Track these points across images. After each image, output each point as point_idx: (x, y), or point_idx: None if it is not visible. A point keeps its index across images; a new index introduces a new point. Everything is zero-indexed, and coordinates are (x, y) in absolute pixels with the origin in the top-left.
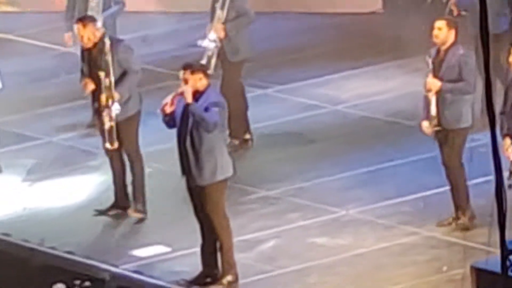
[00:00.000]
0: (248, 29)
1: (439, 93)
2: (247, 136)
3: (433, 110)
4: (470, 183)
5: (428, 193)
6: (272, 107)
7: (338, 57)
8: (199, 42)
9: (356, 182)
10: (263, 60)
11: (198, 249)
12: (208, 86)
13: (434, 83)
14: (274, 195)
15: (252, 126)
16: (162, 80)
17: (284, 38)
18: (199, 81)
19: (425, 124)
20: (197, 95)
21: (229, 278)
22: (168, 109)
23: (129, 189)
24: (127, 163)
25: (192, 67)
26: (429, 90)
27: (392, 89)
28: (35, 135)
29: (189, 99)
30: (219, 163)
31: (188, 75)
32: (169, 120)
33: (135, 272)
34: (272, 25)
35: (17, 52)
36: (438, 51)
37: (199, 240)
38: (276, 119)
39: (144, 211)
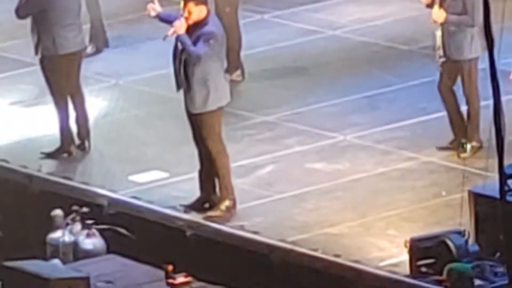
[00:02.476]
0: None
1: (443, 24)
2: (237, 74)
3: (438, 41)
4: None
5: (425, 118)
6: (269, 32)
7: None
8: None
9: (354, 107)
10: None
11: (196, 175)
12: (208, 15)
13: (440, 14)
14: (272, 120)
15: (250, 52)
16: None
17: None
18: (200, 12)
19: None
20: (197, 24)
21: (227, 203)
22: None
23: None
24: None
25: None
26: (434, 21)
27: (391, 14)
28: (33, 61)
29: (181, 30)
30: (212, 92)
31: (192, 7)
32: None
33: (133, 197)
34: None
35: None
36: None
37: (197, 165)
38: (274, 44)
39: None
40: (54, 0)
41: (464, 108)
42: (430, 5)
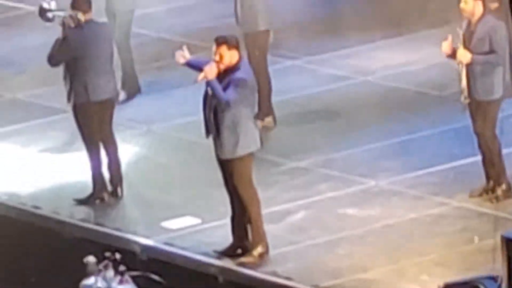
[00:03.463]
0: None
1: (469, 65)
2: (268, 120)
3: (463, 82)
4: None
5: (457, 163)
6: (301, 78)
7: (367, 28)
8: None
9: (386, 152)
10: (292, 31)
11: (228, 221)
12: (240, 60)
13: (465, 55)
14: (304, 166)
15: (282, 97)
16: (191, 52)
17: (314, 9)
18: (232, 57)
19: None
20: (228, 69)
21: (259, 249)
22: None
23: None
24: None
25: (228, 42)
26: (460, 62)
27: (422, 59)
28: (64, 107)
29: (210, 76)
30: (242, 139)
31: (224, 51)
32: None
33: (165, 244)
34: None
35: (45, 25)
36: (469, 23)
37: (229, 211)
38: (306, 91)
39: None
40: (86, 47)
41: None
42: (451, 56)
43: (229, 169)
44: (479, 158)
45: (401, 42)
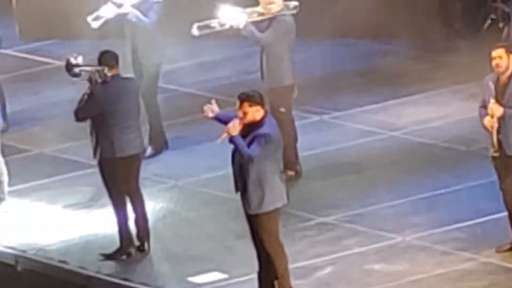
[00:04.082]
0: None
1: (500, 119)
2: (292, 172)
3: (495, 137)
4: None
5: (484, 219)
6: (329, 133)
7: (393, 83)
8: None
9: (413, 208)
10: (320, 86)
11: (255, 276)
12: (265, 116)
13: (497, 108)
14: (331, 221)
15: (310, 152)
16: (219, 107)
17: (340, 64)
18: (256, 113)
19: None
20: (253, 125)
21: None
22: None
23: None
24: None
25: (250, 99)
26: (492, 116)
27: (449, 114)
28: (90, 162)
29: (233, 132)
30: (267, 194)
31: (246, 107)
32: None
33: None
34: (330, 51)
35: (72, 80)
36: (499, 77)
37: (256, 266)
38: (333, 145)
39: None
40: (113, 103)
41: None
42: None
43: (255, 224)
44: (505, 213)
45: (428, 97)
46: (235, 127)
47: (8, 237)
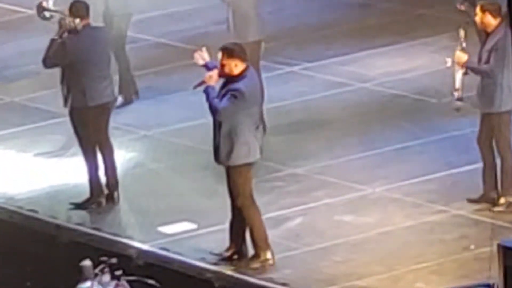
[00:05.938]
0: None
1: (462, 67)
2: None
3: (457, 83)
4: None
5: (455, 171)
6: (299, 84)
7: (365, 35)
8: None
9: (383, 160)
10: (290, 37)
11: (224, 226)
12: (244, 70)
13: (460, 57)
14: (301, 172)
15: (279, 104)
16: (188, 58)
17: (312, 15)
18: (234, 67)
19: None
20: (231, 78)
21: (268, 254)
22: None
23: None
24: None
25: (228, 51)
26: (457, 63)
27: (420, 67)
28: (61, 111)
29: (211, 82)
30: (236, 148)
31: (224, 59)
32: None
33: (162, 249)
34: (299, 3)
35: (44, 29)
36: (487, 34)
37: (225, 217)
38: (303, 97)
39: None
40: (84, 52)
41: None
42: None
43: (227, 176)
44: (476, 166)
45: (399, 49)
46: (211, 77)
47: None
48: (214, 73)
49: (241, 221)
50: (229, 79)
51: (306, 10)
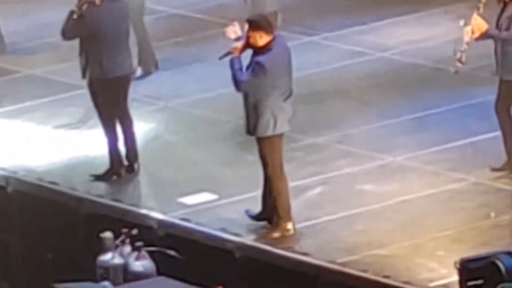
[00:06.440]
0: None
1: (481, 37)
2: None
3: (464, 45)
4: None
5: (475, 139)
6: (318, 54)
7: (384, 4)
8: None
9: (403, 129)
10: (309, 7)
11: (245, 196)
12: (269, 43)
13: (480, 24)
14: (321, 142)
15: (299, 74)
16: (207, 28)
17: None
18: (259, 39)
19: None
20: (256, 50)
21: (289, 225)
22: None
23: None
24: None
25: (252, 23)
26: (473, 32)
27: (439, 35)
28: (81, 83)
29: (236, 53)
30: (261, 120)
31: (249, 31)
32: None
33: (182, 219)
34: None
35: (64, 1)
36: (504, 2)
37: (246, 187)
38: (323, 67)
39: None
40: (102, 24)
41: None
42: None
43: (257, 146)
44: (497, 133)
45: (418, 18)
46: (236, 48)
47: None
48: (240, 44)
49: (272, 190)
50: (255, 51)
51: None
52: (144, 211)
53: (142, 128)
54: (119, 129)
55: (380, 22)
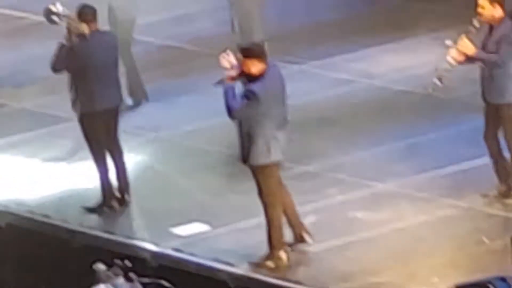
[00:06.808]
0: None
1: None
2: None
3: (447, 66)
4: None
5: (465, 164)
6: (308, 82)
7: (372, 31)
8: None
9: (394, 156)
10: (297, 36)
11: (237, 226)
12: (262, 71)
13: (468, 47)
14: (312, 170)
15: (289, 102)
16: (196, 59)
17: (319, 13)
18: (252, 66)
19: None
20: (249, 78)
21: (282, 254)
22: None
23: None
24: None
25: (245, 50)
26: (461, 54)
27: (428, 62)
28: (70, 116)
29: (229, 81)
30: (255, 149)
31: (243, 59)
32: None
33: (175, 250)
34: (307, 1)
35: (52, 34)
36: (490, 26)
37: (238, 216)
38: (312, 95)
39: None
40: (92, 57)
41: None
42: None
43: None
44: (487, 159)
45: (407, 45)
46: (230, 76)
47: None
48: (233, 72)
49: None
50: (248, 79)
51: (312, 8)
52: (136, 242)
53: (132, 159)
54: (109, 161)
55: (369, 49)
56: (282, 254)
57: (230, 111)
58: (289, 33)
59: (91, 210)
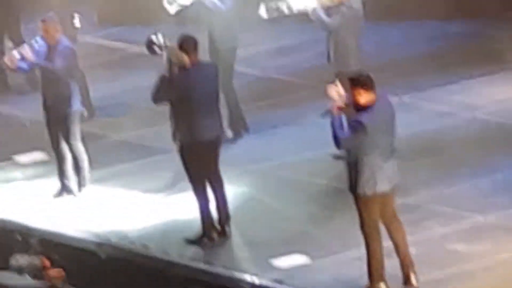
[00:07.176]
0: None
1: None
2: None
3: None
4: None
5: None
6: (407, 115)
7: (473, 63)
8: None
9: (494, 188)
10: (398, 68)
11: (338, 258)
12: (371, 101)
13: None
14: (412, 202)
15: None
16: (296, 91)
17: (418, 45)
18: (359, 96)
19: None
20: (357, 108)
21: (382, 286)
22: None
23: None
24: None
25: (352, 80)
26: None
27: None
28: (170, 147)
29: (336, 112)
30: (360, 179)
31: (349, 89)
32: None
33: (275, 281)
34: (405, 33)
35: (150, 65)
36: None
37: (340, 247)
38: (412, 127)
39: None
40: (193, 88)
41: None
42: None
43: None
44: None
45: (506, 76)
46: (337, 107)
47: (90, 224)
48: (340, 102)
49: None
50: (357, 109)
51: (411, 40)
52: (236, 274)
53: (233, 190)
54: (210, 192)
55: (469, 81)
56: (382, 286)
57: (337, 142)
58: (387, 65)
59: (191, 241)
